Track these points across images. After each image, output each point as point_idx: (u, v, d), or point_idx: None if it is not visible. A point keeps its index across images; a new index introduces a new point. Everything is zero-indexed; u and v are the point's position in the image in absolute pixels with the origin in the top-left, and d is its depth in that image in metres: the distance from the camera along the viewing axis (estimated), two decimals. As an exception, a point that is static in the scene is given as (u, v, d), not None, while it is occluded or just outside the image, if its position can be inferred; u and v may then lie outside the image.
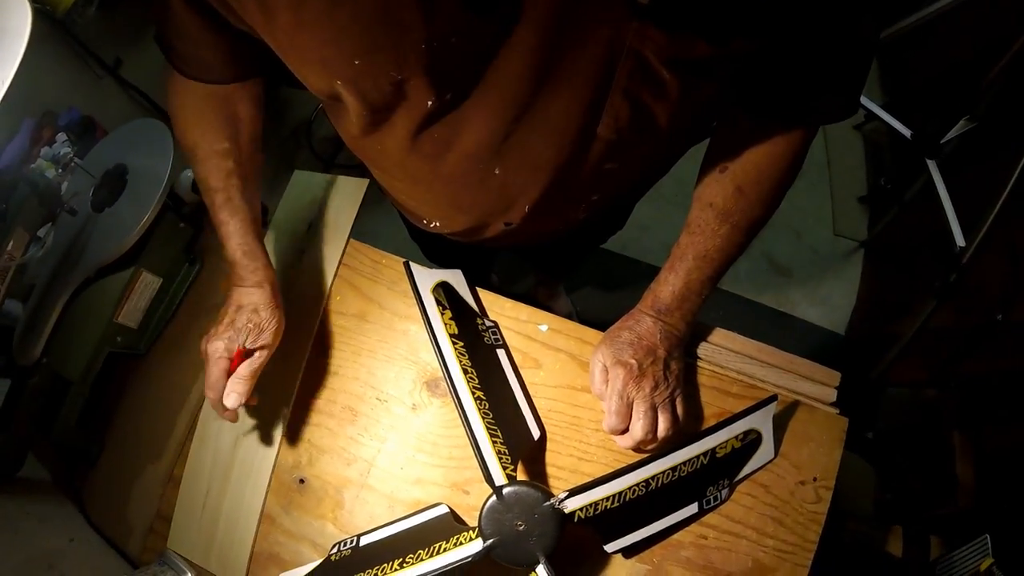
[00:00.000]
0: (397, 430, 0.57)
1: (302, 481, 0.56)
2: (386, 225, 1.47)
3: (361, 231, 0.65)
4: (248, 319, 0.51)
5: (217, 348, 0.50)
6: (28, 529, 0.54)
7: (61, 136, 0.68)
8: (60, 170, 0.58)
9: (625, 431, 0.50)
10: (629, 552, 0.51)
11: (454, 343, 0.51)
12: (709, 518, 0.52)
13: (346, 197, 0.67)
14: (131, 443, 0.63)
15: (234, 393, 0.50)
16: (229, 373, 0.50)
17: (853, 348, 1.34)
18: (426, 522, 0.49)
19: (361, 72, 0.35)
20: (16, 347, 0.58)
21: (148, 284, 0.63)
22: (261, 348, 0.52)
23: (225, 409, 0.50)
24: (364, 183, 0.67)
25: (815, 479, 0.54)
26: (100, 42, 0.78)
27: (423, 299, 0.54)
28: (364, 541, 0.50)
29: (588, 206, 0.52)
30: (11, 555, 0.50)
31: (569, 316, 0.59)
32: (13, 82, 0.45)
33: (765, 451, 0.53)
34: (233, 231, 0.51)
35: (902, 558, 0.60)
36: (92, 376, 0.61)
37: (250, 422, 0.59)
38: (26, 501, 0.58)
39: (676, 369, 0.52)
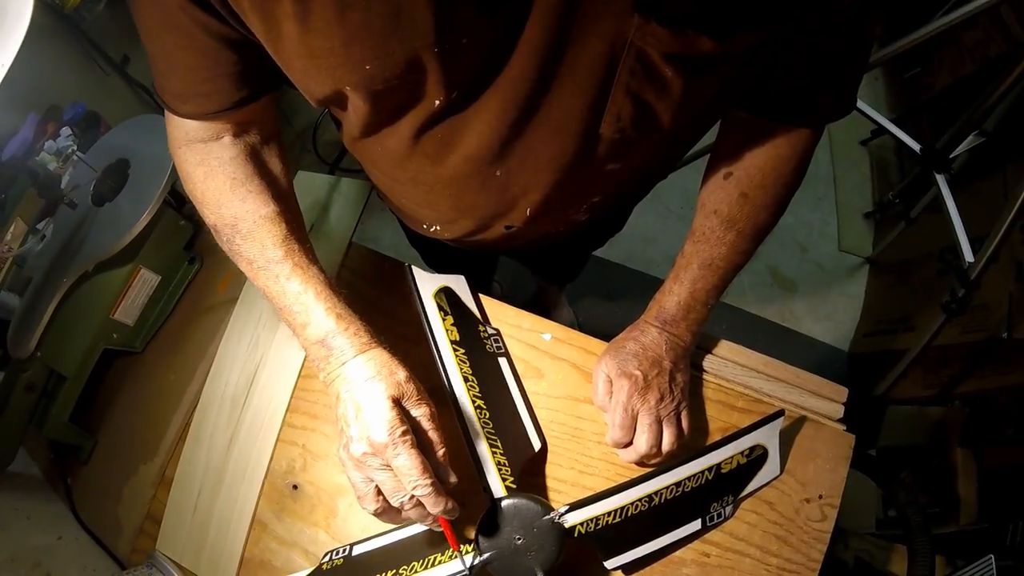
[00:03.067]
0: (394, 436, 0.56)
1: (295, 487, 0.55)
2: (388, 231, 1.48)
3: (363, 237, 0.65)
4: (389, 382, 0.41)
5: (382, 434, 0.39)
6: (15, 526, 0.53)
7: (65, 130, 0.68)
8: (61, 163, 0.57)
9: (629, 444, 0.49)
10: (630, 568, 0.49)
11: (455, 350, 0.51)
12: (712, 535, 0.51)
13: (348, 199, 0.67)
14: (124, 442, 0.62)
15: (453, 476, 0.41)
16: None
17: (856, 364, 1.33)
18: (420, 533, 0.48)
19: (371, 76, 0.35)
20: (10, 339, 0.58)
21: (146, 281, 0.63)
22: (428, 415, 0.42)
23: (449, 499, 0.40)
24: (367, 186, 0.66)
25: (821, 497, 0.53)
26: (108, 39, 0.78)
27: (424, 304, 0.53)
28: (357, 551, 0.49)
29: (589, 207, 0.51)
30: (-3, 552, 0.49)
31: (571, 326, 0.58)
32: (19, 76, 0.44)
33: (771, 467, 0.51)
34: (315, 299, 0.43)
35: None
36: (86, 372, 0.60)
37: (245, 426, 0.58)
38: (15, 497, 0.57)
39: (682, 381, 0.51)
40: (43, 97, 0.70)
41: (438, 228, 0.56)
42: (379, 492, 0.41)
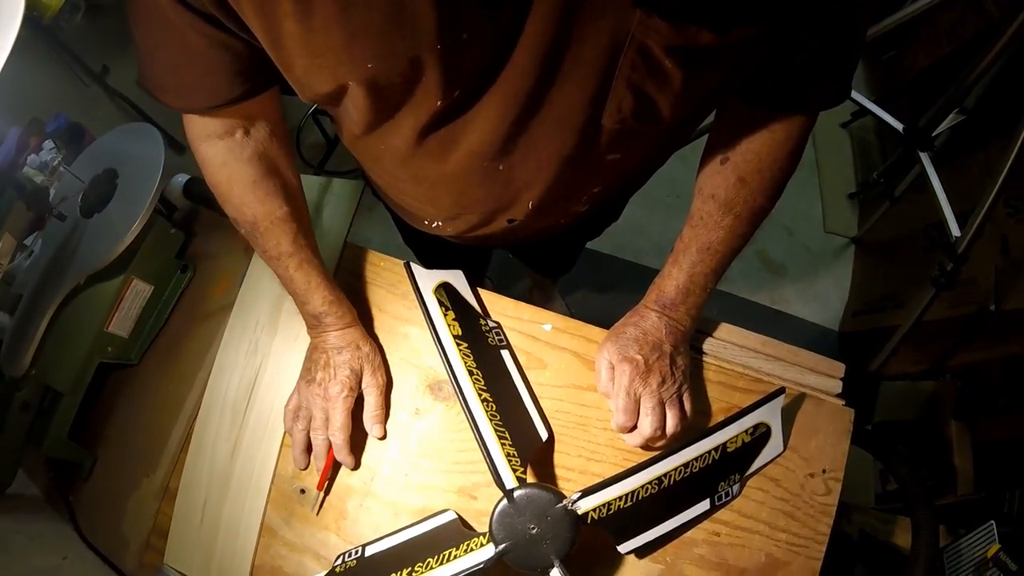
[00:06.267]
0: (400, 436, 0.55)
1: (303, 491, 0.55)
2: (379, 232, 1.47)
3: (354, 237, 0.64)
4: (354, 355, 0.53)
5: (336, 389, 0.52)
6: (19, 547, 0.52)
7: (48, 143, 0.66)
8: (48, 175, 0.56)
9: (634, 428, 0.50)
10: (642, 552, 0.50)
11: (458, 344, 0.51)
12: (721, 514, 0.52)
13: (342, 199, 0.66)
14: (125, 456, 0.61)
15: (378, 424, 0.54)
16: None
17: (847, 343, 1.36)
18: (433, 529, 0.48)
19: (373, 75, 0.35)
20: (3, 358, 0.56)
21: (139, 292, 0.62)
22: (376, 385, 0.54)
23: (353, 456, 0.53)
24: (360, 185, 0.66)
25: (824, 471, 0.53)
26: (87, 50, 0.76)
27: (426, 300, 0.53)
28: (369, 551, 0.49)
29: (589, 198, 0.51)
30: (1, 574, 0.48)
31: None
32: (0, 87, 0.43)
33: (774, 444, 0.52)
34: (316, 287, 0.52)
35: (912, 547, 0.60)
36: (83, 387, 0.59)
37: (248, 432, 0.57)
38: (16, 519, 0.56)
39: (683, 364, 0.52)
40: (24, 110, 0.69)
41: (440, 224, 0.56)
42: (307, 420, 0.53)
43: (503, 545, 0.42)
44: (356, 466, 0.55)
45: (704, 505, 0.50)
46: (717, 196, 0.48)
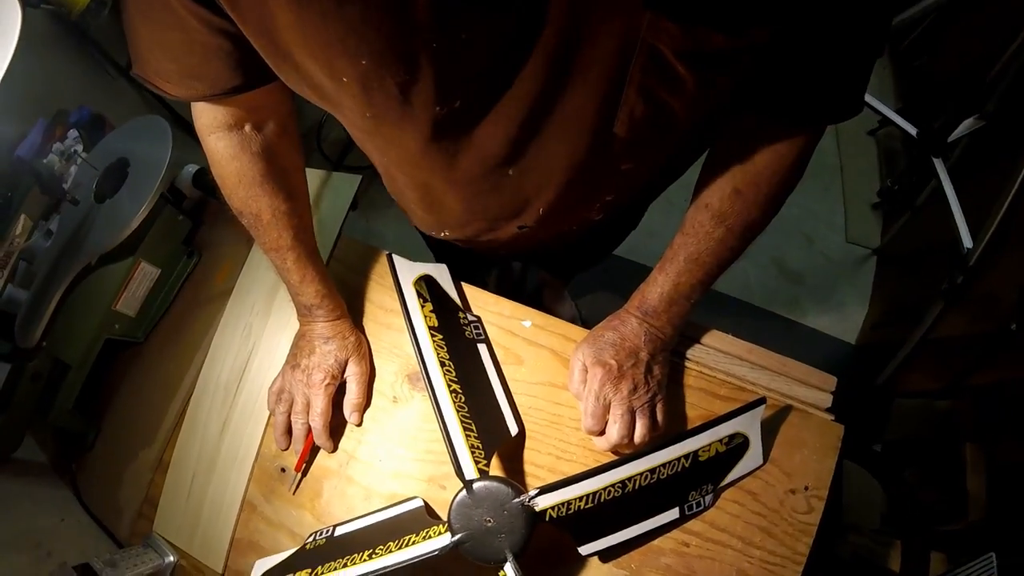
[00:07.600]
0: (378, 422, 0.57)
1: (283, 470, 0.57)
2: (395, 228, 1.50)
3: (369, 234, 0.66)
4: (340, 345, 0.55)
5: (319, 377, 0.54)
6: (20, 508, 0.56)
7: (72, 133, 0.71)
8: (63, 161, 0.60)
9: (603, 433, 0.49)
10: (606, 556, 0.49)
11: (432, 335, 0.51)
12: (692, 525, 0.51)
13: (338, 193, 0.68)
14: (125, 429, 0.64)
15: (356, 412, 0.56)
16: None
17: (863, 357, 1.30)
18: (400, 515, 0.49)
19: (367, 71, 0.34)
20: (18, 329, 0.60)
21: (147, 274, 0.65)
22: (358, 374, 0.56)
23: (331, 441, 0.56)
24: (356, 179, 0.68)
25: (807, 488, 0.52)
26: (114, 44, 0.81)
27: (403, 291, 0.55)
28: (339, 531, 0.50)
29: (603, 206, 0.51)
30: (5, 531, 0.52)
31: (573, 320, 0.58)
32: (29, 83, 0.46)
33: (753, 456, 0.51)
34: (311, 280, 0.53)
35: (900, 574, 0.57)
36: (90, 361, 0.62)
37: (237, 411, 0.60)
38: (22, 482, 0.60)
39: (659, 374, 0.50)
40: (53, 102, 0.73)
41: (447, 233, 0.57)
42: (290, 403, 0.56)
43: (459, 535, 0.43)
44: (334, 450, 0.56)
45: (673, 513, 0.49)
46: (711, 205, 0.46)
